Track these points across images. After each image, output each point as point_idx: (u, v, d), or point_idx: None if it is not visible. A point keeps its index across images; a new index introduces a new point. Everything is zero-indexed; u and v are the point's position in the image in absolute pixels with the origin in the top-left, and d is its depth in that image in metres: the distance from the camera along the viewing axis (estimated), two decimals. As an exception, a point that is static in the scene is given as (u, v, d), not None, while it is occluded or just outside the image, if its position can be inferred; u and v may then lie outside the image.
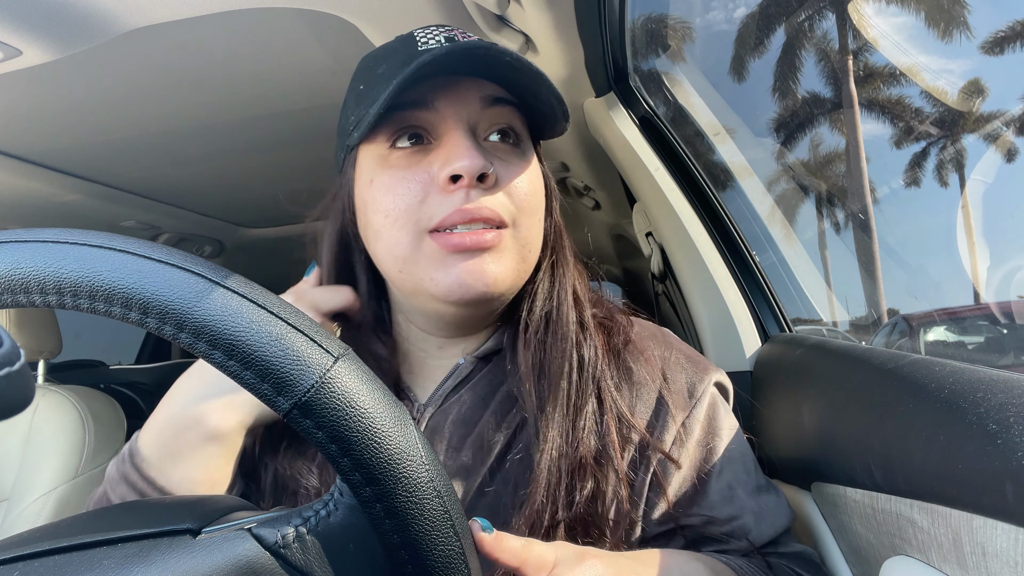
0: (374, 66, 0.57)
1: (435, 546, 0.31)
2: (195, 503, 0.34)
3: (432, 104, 0.54)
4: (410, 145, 0.55)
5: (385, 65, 0.55)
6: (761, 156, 2.18)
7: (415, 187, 0.53)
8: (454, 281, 0.52)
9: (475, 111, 0.55)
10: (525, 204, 0.55)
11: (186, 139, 1.39)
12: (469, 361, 0.61)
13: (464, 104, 0.55)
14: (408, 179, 0.53)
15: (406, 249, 0.53)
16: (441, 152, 0.53)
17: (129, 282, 0.29)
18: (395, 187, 0.53)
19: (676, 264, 1.10)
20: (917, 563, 0.45)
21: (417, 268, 0.54)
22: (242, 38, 1.00)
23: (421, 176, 0.53)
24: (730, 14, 3.12)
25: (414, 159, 0.54)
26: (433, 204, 0.52)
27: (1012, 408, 0.38)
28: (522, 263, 0.56)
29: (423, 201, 0.53)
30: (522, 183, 0.56)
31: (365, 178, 0.56)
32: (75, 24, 0.85)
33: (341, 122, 0.59)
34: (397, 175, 0.54)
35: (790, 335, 0.97)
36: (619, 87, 1.14)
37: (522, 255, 0.56)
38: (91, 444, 1.43)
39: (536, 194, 0.57)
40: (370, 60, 0.59)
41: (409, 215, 0.53)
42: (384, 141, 0.55)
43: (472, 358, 0.61)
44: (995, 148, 1.86)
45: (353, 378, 0.31)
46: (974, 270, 1.41)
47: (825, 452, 0.62)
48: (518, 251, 0.55)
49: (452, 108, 0.54)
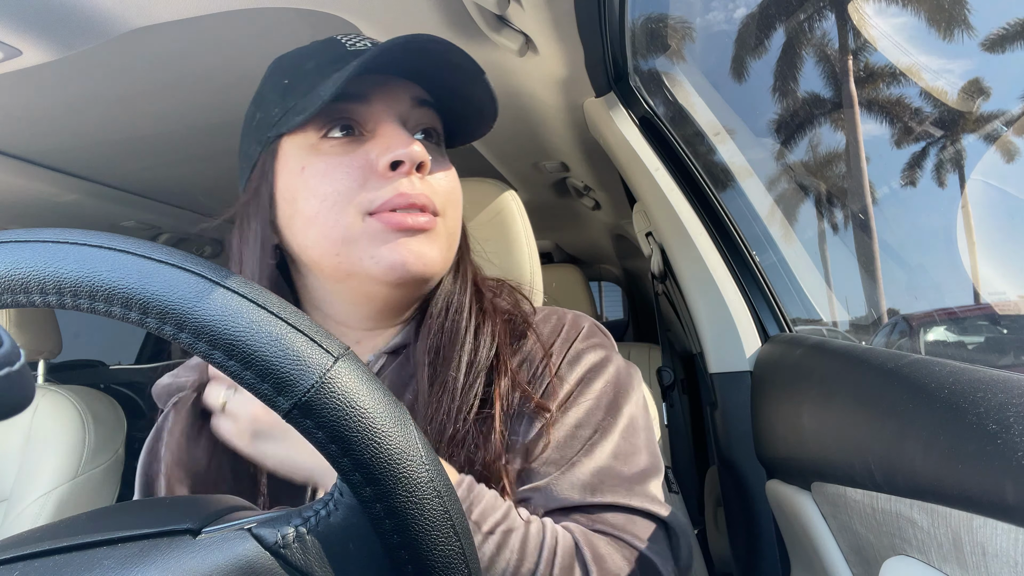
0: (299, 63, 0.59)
1: (435, 546, 0.31)
2: (195, 503, 0.34)
3: (367, 98, 0.57)
4: (342, 135, 0.57)
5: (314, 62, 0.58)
6: (761, 156, 2.18)
7: (354, 172, 0.55)
8: (397, 258, 0.54)
9: (406, 109, 0.58)
10: (451, 198, 0.60)
11: (186, 139, 1.39)
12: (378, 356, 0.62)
13: (397, 101, 0.58)
14: (345, 164, 0.55)
15: (345, 230, 0.55)
16: (380, 141, 0.56)
17: (129, 282, 0.29)
18: (331, 172, 0.55)
19: (676, 264, 1.10)
20: (917, 563, 0.45)
21: (356, 248, 0.55)
22: (242, 38, 1.00)
23: (359, 162, 0.55)
24: (730, 14, 3.12)
25: (348, 148, 0.56)
26: (373, 188, 0.54)
27: (1012, 408, 0.38)
28: (448, 251, 0.60)
29: (362, 185, 0.55)
30: (447, 178, 0.60)
31: (294, 167, 0.57)
32: (75, 24, 0.85)
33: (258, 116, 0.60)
34: (333, 161, 0.56)
35: (790, 335, 0.97)
36: (619, 87, 1.14)
37: (449, 243, 0.60)
38: (91, 444, 1.43)
39: (457, 191, 0.62)
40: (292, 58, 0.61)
41: (348, 198, 0.55)
42: (314, 132, 0.57)
43: (381, 353, 0.62)
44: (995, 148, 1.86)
45: (353, 378, 0.31)
46: (974, 270, 1.41)
47: (825, 452, 0.62)
48: (447, 238, 0.59)
49: (386, 103, 0.57)
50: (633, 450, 0.58)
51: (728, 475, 0.99)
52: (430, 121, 0.61)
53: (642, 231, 1.35)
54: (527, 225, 0.88)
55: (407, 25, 0.94)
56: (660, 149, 1.12)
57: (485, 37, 0.96)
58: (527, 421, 0.58)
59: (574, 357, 0.62)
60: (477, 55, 1.03)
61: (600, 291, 5.59)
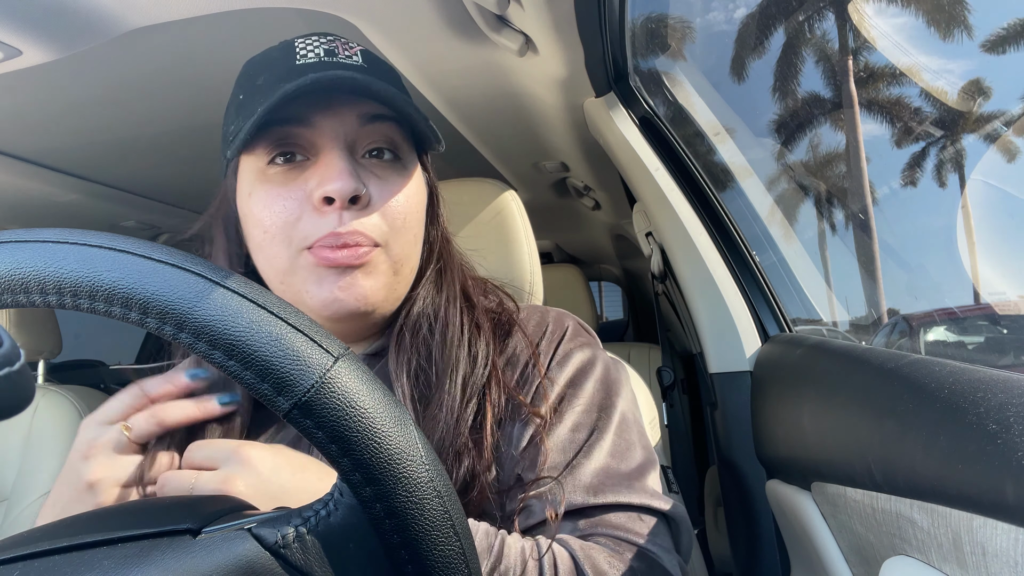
0: (255, 75, 0.58)
1: (435, 546, 0.31)
2: (195, 503, 0.34)
3: (310, 121, 0.55)
4: (284, 163, 0.56)
5: (264, 77, 0.56)
6: (761, 156, 2.18)
7: (291, 205, 0.54)
8: (328, 295, 0.54)
9: (352, 129, 0.56)
10: (399, 223, 0.57)
11: (186, 139, 1.39)
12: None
13: (341, 122, 0.56)
14: (284, 196, 0.55)
15: (284, 263, 0.55)
16: (316, 171, 0.55)
17: (129, 282, 0.29)
18: (272, 204, 0.55)
19: (676, 264, 1.10)
20: (917, 563, 0.45)
21: (295, 280, 0.55)
22: (242, 38, 1.00)
23: (297, 194, 0.55)
24: (730, 14, 3.12)
25: (290, 175, 0.55)
26: (308, 224, 0.54)
27: (1012, 408, 0.38)
28: (395, 276, 0.58)
29: (299, 219, 0.54)
30: (397, 202, 0.57)
31: (245, 190, 0.57)
32: (75, 24, 0.85)
33: (224, 129, 0.60)
34: (273, 192, 0.55)
35: (790, 335, 0.97)
36: (619, 87, 1.14)
37: (394, 269, 0.57)
38: (91, 444, 1.43)
39: (411, 211, 0.59)
40: (252, 67, 0.60)
41: (285, 232, 0.54)
42: (263, 155, 0.56)
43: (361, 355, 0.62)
44: (995, 148, 1.86)
45: (353, 378, 0.31)
46: (974, 270, 1.41)
47: (825, 452, 0.62)
48: (390, 267, 0.57)
49: (329, 125, 0.55)
50: (628, 446, 0.58)
51: (728, 475, 0.99)
52: (384, 135, 0.58)
53: (642, 231, 1.35)
54: (527, 225, 0.88)
55: (408, 25, 0.94)
56: (660, 149, 1.12)
57: (485, 37, 0.96)
58: (520, 427, 0.57)
59: (563, 357, 0.61)
60: (477, 55, 1.04)
61: (600, 291, 5.59)
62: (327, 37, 0.59)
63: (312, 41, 0.58)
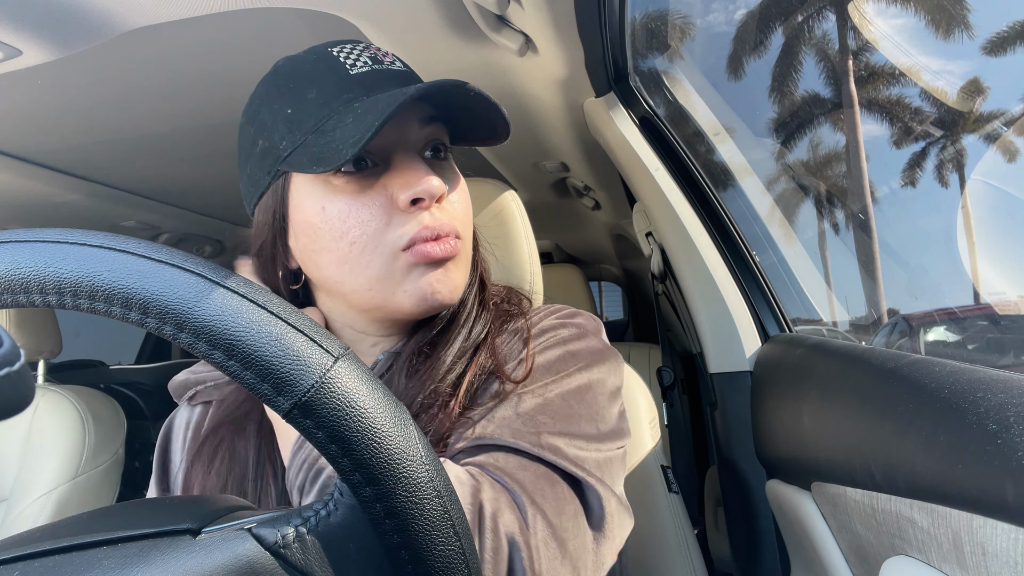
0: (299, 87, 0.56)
1: (435, 546, 0.31)
2: (195, 503, 0.34)
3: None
4: (356, 171, 0.56)
5: (316, 90, 0.55)
6: (761, 156, 2.18)
7: (377, 211, 0.55)
8: (426, 289, 0.56)
9: (415, 131, 0.58)
10: (466, 216, 0.60)
11: (186, 139, 1.39)
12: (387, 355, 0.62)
13: (407, 126, 0.57)
14: (368, 205, 0.55)
15: (379, 269, 0.55)
16: (396, 176, 0.55)
17: (129, 282, 0.29)
18: (356, 213, 0.55)
19: (676, 264, 1.10)
20: (917, 563, 0.45)
21: (390, 283, 0.56)
22: (242, 38, 1.00)
23: (381, 200, 0.55)
24: (730, 14, 3.12)
25: (366, 183, 0.56)
26: (399, 225, 0.55)
27: (1012, 408, 0.38)
28: (468, 268, 0.61)
29: (388, 223, 0.55)
30: (460, 197, 0.60)
31: (312, 205, 0.56)
32: (75, 24, 0.85)
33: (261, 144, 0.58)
34: (355, 202, 0.55)
35: (790, 335, 0.97)
36: (619, 87, 1.14)
37: (468, 261, 0.61)
38: (91, 444, 1.43)
39: (469, 205, 0.62)
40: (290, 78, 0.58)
41: (379, 238, 0.55)
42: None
43: (388, 353, 0.63)
44: (995, 148, 1.86)
45: (353, 378, 0.31)
46: (974, 270, 1.41)
47: (825, 452, 0.62)
48: (467, 258, 0.60)
49: (397, 131, 0.56)
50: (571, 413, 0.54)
51: (728, 475, 0.99)
52: (438, 136, 0.60)
53: (642, 231, 1.35)
54: (527, 225, 0.88)
55: (408, 25, 0.94)
56: (660, 149, 1.12)
57: (485, 37, 0.96)
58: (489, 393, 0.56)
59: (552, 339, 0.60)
60: (477, 55, 1.04)
61: (600, 291, 5.59)
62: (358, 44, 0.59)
63: (349, 49, 0.58)
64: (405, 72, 0.59)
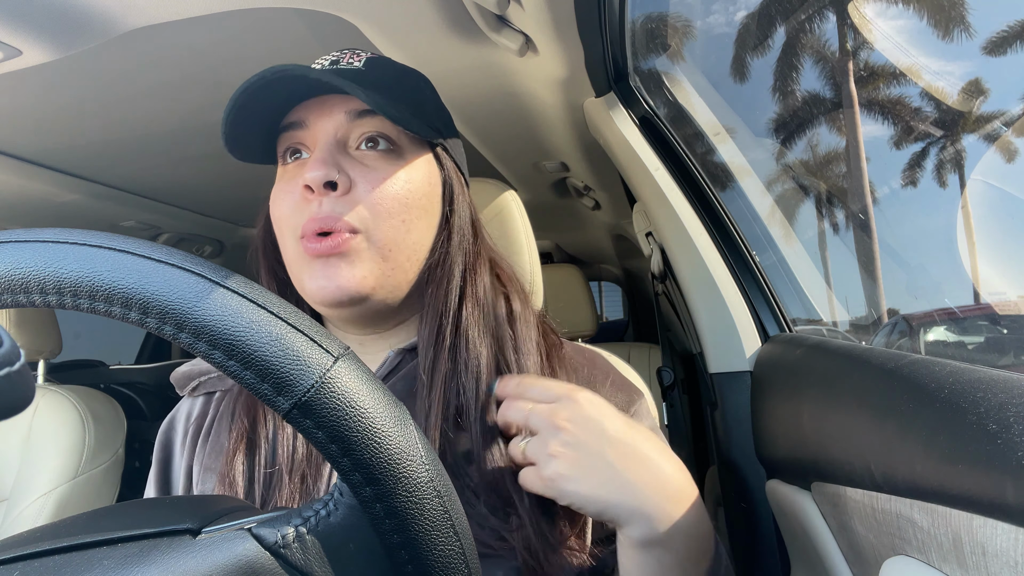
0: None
1: (435, 546, 0.31)
2: (195, 503, 0.34)
3: (305, 123, 0.60)
4: (292, 161, 0.61)
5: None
6: (761, 156, 2.18)
7: (289, 198, 0.58)
8: (316, 285, 0.56)
9: (343, 124, 0.59)
10: (381, 209, 0.57)
11: (186, 139, 1.39)
12: (396, 353, 0.62)
13: (331, 119, 0.59)
14: (287, 190, 0.59)
15: (290, 254, 0.59)
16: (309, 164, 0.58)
17: (129, 282, 0.29)
18: (281, 198, 0.59)
19: (676, 264, 1.10)
20: (917, 563, 0.45)
21: (297, 270, 0.59)
22: (242, 38, 1.00)
23: (294, 187, 0.58)
24: (731, 15, 3.12)
25: (296, 172, 0.60)
26: (297, 213, 0.57)
27: (1012, 408, 0.38)
28: (384, 263, 0.58)
29: (293, 210, 0.58)
30: (381, 188, 0.58)
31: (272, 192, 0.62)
32: (75, 24, 0.85)
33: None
34: (282, 187, 0.60)
35: (790, 335, 0.97)
36: (619, 87, 1.14)
37: (382, 256, 0.58)
38: (91, 444, 1.43)
39: (398, 197, 0.58)
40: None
41: (288, 223, 0.58)
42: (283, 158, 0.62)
43: (398, 350, 0.62)
44: (995, 148, 1.86)
45: (353, 378, 0.31)
46: (974, 270, 1.41)
47: (825, 452, 0.62)
48: (376, 253, 0.57)
49: (320, 124, 0.59)
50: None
51: (728, 475, 0.99)
52: (376, 128, 0.59)
53: (642, 231, 1.35)
54: (527, 225, 0.88)
55: (408, 25, 0.94)
56: (660, 149, 1.11)
57: (485, 37, 0.96)
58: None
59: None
60: (477, 55, 1.04)
61: (600, 291, 5.58)
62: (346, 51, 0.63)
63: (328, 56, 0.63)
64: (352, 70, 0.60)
